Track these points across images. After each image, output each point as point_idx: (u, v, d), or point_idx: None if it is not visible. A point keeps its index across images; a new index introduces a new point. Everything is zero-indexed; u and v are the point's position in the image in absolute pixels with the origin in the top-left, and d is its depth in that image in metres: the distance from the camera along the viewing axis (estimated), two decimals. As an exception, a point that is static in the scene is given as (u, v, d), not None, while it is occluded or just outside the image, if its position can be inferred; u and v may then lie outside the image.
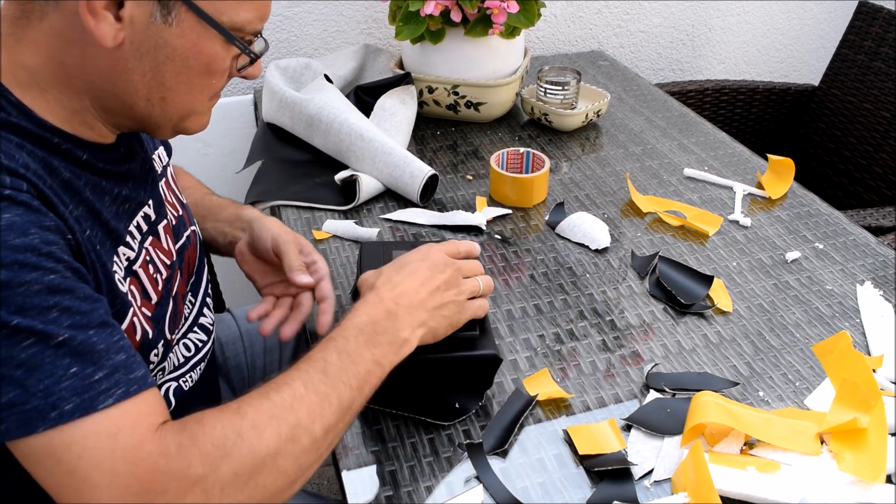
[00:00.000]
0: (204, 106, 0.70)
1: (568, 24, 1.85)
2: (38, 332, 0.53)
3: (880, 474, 0.72)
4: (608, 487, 0.73)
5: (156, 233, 0.77)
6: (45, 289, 0.54)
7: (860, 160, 1.72)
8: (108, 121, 0.67)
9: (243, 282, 1.00)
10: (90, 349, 0.55)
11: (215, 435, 0.58)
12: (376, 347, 0.69)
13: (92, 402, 0.54)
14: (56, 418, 0.53)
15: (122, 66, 0.62)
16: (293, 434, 0.61)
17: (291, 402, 0.62)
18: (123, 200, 0.71)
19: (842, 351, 0.86)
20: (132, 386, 0.56)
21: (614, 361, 0.89)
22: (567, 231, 1.11)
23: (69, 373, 0.54)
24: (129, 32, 0.60)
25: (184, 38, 0.62)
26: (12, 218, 0.54)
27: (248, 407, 0.61)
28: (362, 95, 1.36)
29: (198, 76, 0.65)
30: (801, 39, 2.12)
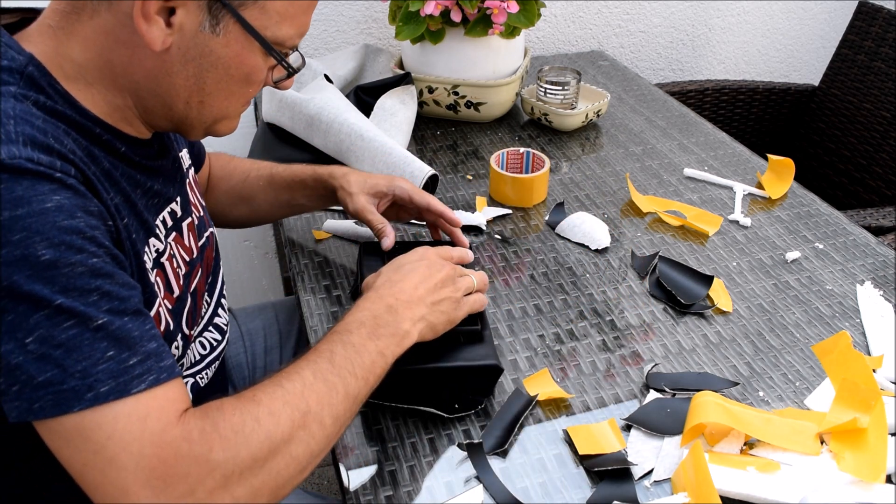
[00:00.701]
0: (237, 111, 0.73)
1: (568, 24, 1.85)
2: (79, 313, 0.55)
3: (880, 474, 0.72)
4: (608, 487, 0.73)
5: (179, 229, 0.79)
6: (88, 271, 0.56)
7: (860, 160, 1.72)
8: (145, 119, 0.70)
9: (243, 282, 1.01)
10: (126, 335, 0.57)
11: (234, 421, 0.59)
12: (379, 339, 0.71)
13: (126, 386, 0.55)
14: (92, 399, 0.54)
15: (167, 69, 0.64)
16: (304, 421, 0.63)
17: (302, 389, 0.64)
18: (154, 194, 0.73)
19: (842, 351, 0.86)
20: (162, 374, 0.58)
21: (614, 361, 0.89)
22: (567, 231, 1.11)
23: (106, 356, 0.55)
24: (178, 38, 0.63)
25: (229, 48, 0.65)
26: (62, 200, 0.56)
27: (262, 394, 0.62)
28: (362, 95, 1.36)
29: (237, 84, 0.68)
30: (801, 39, 2.12)
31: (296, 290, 1.01)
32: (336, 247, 1.08)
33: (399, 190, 0.97)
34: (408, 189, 0.97)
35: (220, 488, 0.57)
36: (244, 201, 1.03)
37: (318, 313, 0.95)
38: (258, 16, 0.64)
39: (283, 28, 0.67)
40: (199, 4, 0.61)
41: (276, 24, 0.66)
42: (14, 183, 0.54)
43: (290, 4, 0.66)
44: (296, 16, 0.67)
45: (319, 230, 1.11)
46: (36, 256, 0.53)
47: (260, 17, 0.65)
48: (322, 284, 1.00)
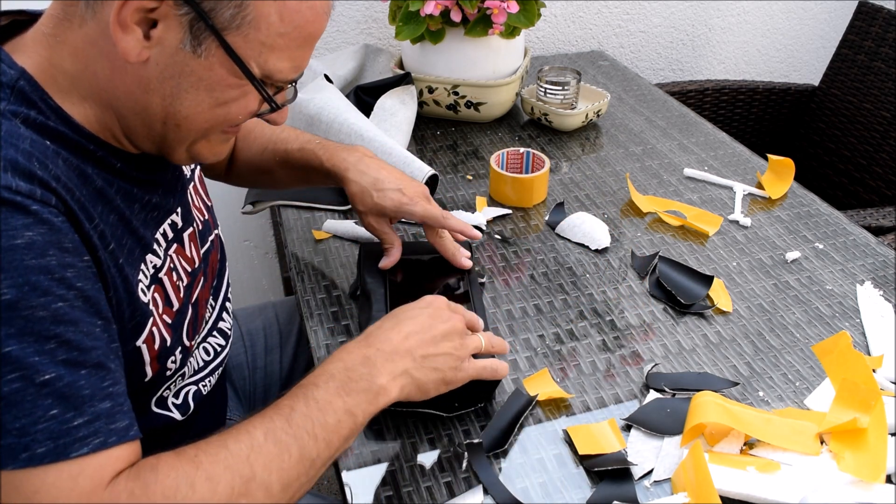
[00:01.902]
0: (220, 136, 0.69)
1: (568, 24, 1.85)
2: (27, 365, 0.51)
3: (880, 474, 0.72)
4: (608, 487, 0.73)
5: (180, 240, 0.76)
6: (49, 316, 0.53)
7: (860, 160, 1.72)
8: (130, 139, 0.67)
9: (243, 282, 1.01)
10: (75, 392, 0.53)
11: (167, 485, 0.56)
12: (349, 396, 0.65)
13: (65, 449, 0.52)
14: (26, 460, 0.51)
15: (144, 84, 0.61)
16: (247, 488, 0.58)
17: (248, 452, 0.59)
18: (153, 208, 0.70)
19: (842, 351, 0.86)
20: (111, 437, 0.55)
21: (614, 361, 0.89)
22: (567, 231, 1.11)
23: (48, 414, 0.52)
24: (157, 53, 0.59)
25: (211, 70, 0.61)
26: (34, 237, 0.53)
27: (204, 455, 0.58)
28: (362, 95, 1.36)
29: (218, 108, 0.64)
30: (801, 39, 2.12)
31: (296, 290, 1.01)
32: (336, 247, 1.08)
33: (407, 216, 0.90)
34: (420, 217, 0.90)
35: None
36: (263, 173, 1.00)
37: (318, 313, 0.95)
38: (243, 43, 0.60)
39: (272, 60, 0.62)
40: (181, 20, 0.58)
41: (262, 55, 0.61)
42: None
43: (280, 36, 0.61)
44: (288, 48, 0.62)
45: (319, 230, 1.11)
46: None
47: (245, 45, 0.60)
48: (322, 284, 1.00)
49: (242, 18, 0.59)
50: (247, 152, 1.01)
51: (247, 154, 1.01)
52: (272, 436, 0.60)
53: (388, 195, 0.90)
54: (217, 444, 0.59)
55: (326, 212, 1.16)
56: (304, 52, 0.65)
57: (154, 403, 0.75)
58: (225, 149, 0.71)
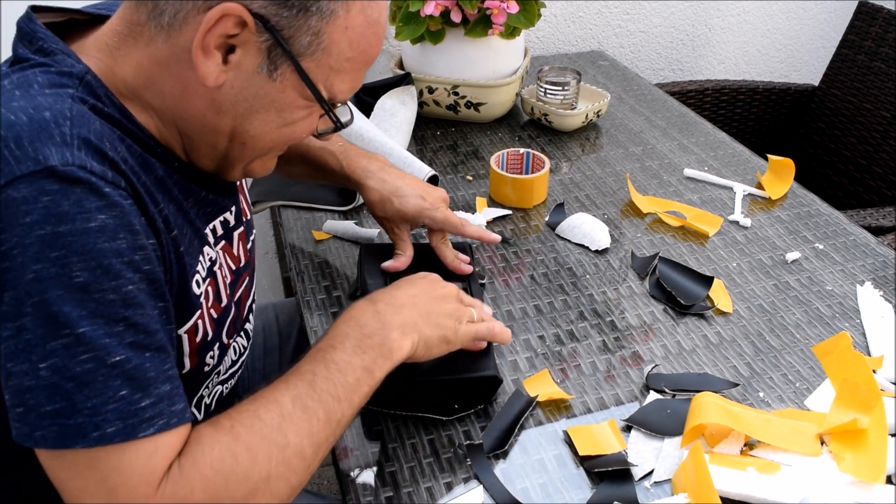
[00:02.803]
0: (275, 153, 0.72)
1: (568, 24, 1.85)
2: (99, 346, 0.53)
3: (880, 475, 0.72)
4: (608, 488, 0.73)
5: (230, 238, 0.78)
6: (119, 300, 0.55)
7: (860, 160, 1.72)
8: (190, 157, 0.68)
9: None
10: (142, 374, 0.55)
11: (213, 457, 0.58)
12: (365, 353, 0.67)
13: (134, 430, 0.54)
14: (96, 439, 0.53)
15: (217, 106, 0.63)
16: (284, 456, 0.60)
17: (280, 421, 0.61)
18: (207, 204, 0.72)
19: (842, 351, 0.86)
20: (172, 419, 0.57)
21: (614, 362, 0.89)
22: (567, 232, 1.11)
23: (118, 395, 0.54)
24: (232, 77, 0.61)
25: (284, 94, 0.63)
26: (106, 220, 0.54)
27: (240, 427, 0.60)
28: (362, 95, 1.36)
29: (284, 128, 0.66)
30: (801, 39, 2.12)
31: (296, 290, 1.01)
32: (336, 247, 1.08)
33: (428, 221, 0.93)
34: (439, 224, 0.93)
35: None
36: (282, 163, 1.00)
37: (318, 314, 0.95)
38: (315, 68, 0.63)
39: (338, 83, 0.65)
40: (260, 47, 0.60)
41: (329, 77, 0.64)
42: (62, 196, 0.52)
43: (347, 60, 0.64)
44: (351, 71, 0.66)
45: (319, 231, 1.11)
46: (70, 277, 0.52)
47: (316, 70, 0.63)
48: (322, 285, 1.00)
49: (318, 45, 0.62)
50: None
51: None
52: (299, 402, 0.63)
53: (410, 201, 0.93)
54: (250, 414, 0.61)
55: (326, 212, 1.16)
56: (363, 74, 0.68)
57: (193, 404, 0.75)
58: (273, 164, 0.74)
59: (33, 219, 0.52)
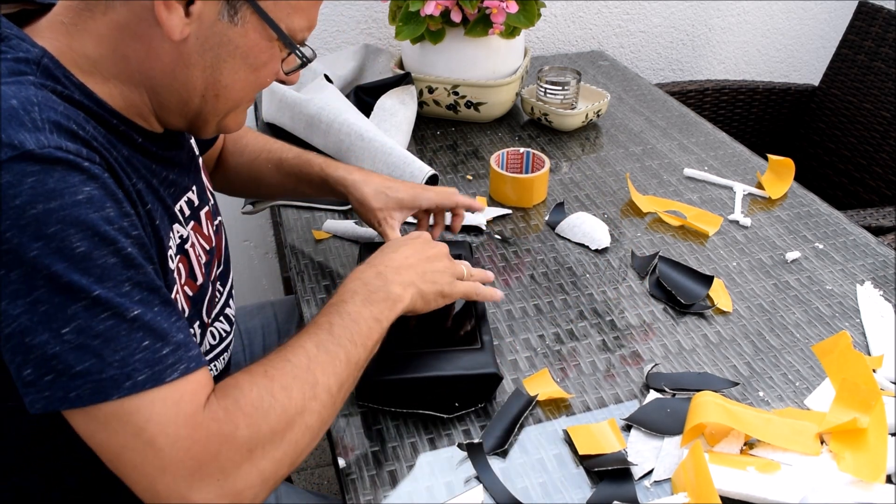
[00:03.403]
0: (246, 104, 0.73)
1: (568, 24, 1.85)
2: (116, 304, 0.56)
3: (880, 474, 0.72)
4: (608, 487, 0.73)
5: (198, 218, 0.79)
6: (120, 262, 0.57)
7: (860, 160, 1.72)
8: (160, 117, 0.70)
9: (243, 281, 1.01)
10: (158, 326, 0.58)
11: (253, 397, 0.62)
12: (373, 305, 0.73)
13: (161, 375, 0.57)
14: (130, 387, 0.56)
15: (184, 60, 0.65)
16: (314, 392, 0.65)
17: (308, 363, 0.66)
18: (171, 184, 0.73)
19: (842, 351, 0.86)
20: (192, 363, 0.59)
21: (614, 361, 0.89)
22: (567, 231, 1.11)
23: (142, 346, 0.57)
24: (196, 28, 0.63)
25: (246, 37, 0.65)
26: (92, 192, 0.56)
27: (273, 370, 0.64)
28: (362, 95, 1.36)
29: (252, 74, 0.68)
30: (801, 39, 2.12)
31: (296, 290, 1.01)
32: (336, 247, 1.08)
33: (426, 203, 0.98)
34: (434, 199, 0.98)
35: (247, 463, 0.59)
36: (252, 180, 1.04)
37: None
38: (273, 7, 0.65)
39: (296, 19, 0.67)
40: None
41: (289, 16, 0.67)
42: (46, 175, 0.54)
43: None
44: (307, 9, 0.68)
45: (319, 230, 1.11)
46: (72, 249, 0.54)
47: (275, 8, 0.65)
48: (322, 284, 1.00)
49: None
50: (238, 158, 1.04)
51: (238, 160, 1.04)
52: (322, 347, 0.68)
53: (401, 189, 0.97)
54: (279, 359, 0.66)
55: (326, 212, 1.16)
56: (317, 11, 0.71)
57: None
58: (244, 118, 0.76)
59: (23, 200, 0.53)
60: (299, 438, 0.63)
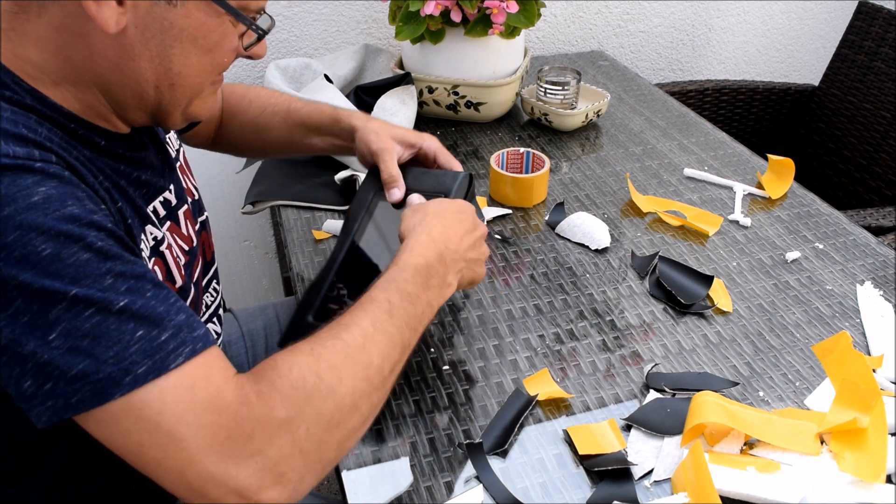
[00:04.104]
0: (210, 88, 0.70)
1: (568, 24, 1.85)
2: (98, 300, 0.53)
3: (880, 474, 0.72)
4: (608, 487, 0.73)
5: (175, 218, 0.77)
6: (94, 257, 0.54)
7: (860, 160, 1.72)
8: (121, 115, 0.67)
9: (244, 282, 1.01)
10: (151, 312, 0.55)
11: (293, 377, 0.58)
12: (429, 290, 0.72)
13: (163, 363, 0.54)
14: (131, 382, 0.53)
15: (128, 52, 0.61)
16: (367, 374, 0.62)
17: (363, 342, 0.63)
18: (142, 185, 0.70)
19: (842, 351, 0.86)
20: (198, 343, 0.56)
21: (614, 361, 0.89)
22: (567, 231, 1.11)
23: (136, 336, 0.53)
24: (133, 16, 0.60)
25: (190, 17, 0.62)
26: (48, 191, 0.53)
27: (321, 348, 0.61)
28: (362, 95, 1.36)
29: (205, 57, 0.65)
30: (801, 39, 2.12)
31: (296, 290, 1.01)
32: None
33: (426, 144, 0.93)
34: (434, 147, 0.93)
35: (287, 445, 0.56)
36: (258, 134, 1.01)
37: (318, 313, 0.95)
38: None
39: None
40: None
41: None
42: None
43: None
44: None
45: (319, 230, 1.11)
46: (37, 253, 0.52)
47: None
48: (322, 284, 1.00)
49: None
50: (243, 116, 1.01)
51: (243, 118, 1.01)
52: (380, 326, 0.65)
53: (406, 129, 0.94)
54: (330, 336, 0.63)
55: (326, 212, 1.16)
56: None
57: None
58: (215, 101, 0.72)
59: None
60: (349, 422, 0.60)
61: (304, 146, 1.00)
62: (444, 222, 0.77)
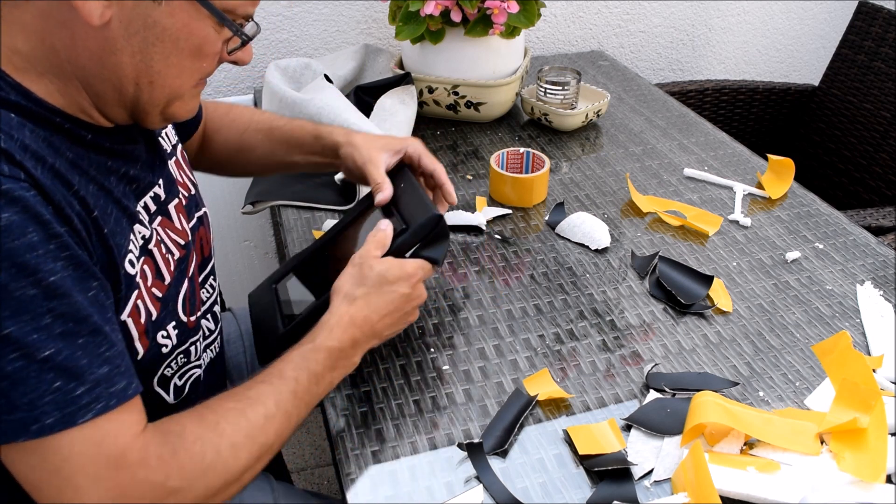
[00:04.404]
0: (191, 91, 0.69)
1: (568, 24, 1.85)
2: (27, 344, 0.54)
3: (880, 474, 0.72)
4: (608, 487, 0.73)
5: (166, 213, 0.76)
6: (41, 293, 0.54)
7: (860, 160, 1.72)
8: (101, 110, 0.66)
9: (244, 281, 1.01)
10: (74, 364, 0.56)
11: (194, 451, 0.61)
12: (335, 371, 0.75)
13: (72, 417, 0.56)
14: (36, 431, 0.55)
15: (110, 46, 0.61)
16: (261, 453, 0.67)
17: (264, 422, 0.67)
18: (131, 180, 0.70)
19: (842, 351, 0.86)
20: (112, 400, 0.58)
21: (614, 361, 0.89)
22: (567, 231, 1.11)
23: (53, 387, 0.55)
24: (118, 10, 0.59)
25: (174, 17, 0.61)
26: (11, 217, 0.53)
27: (226, 424, 0.64)
28: (362, 95, 1.36)
29: (188, 58, 0.64)
30: (801, 39, 2.12)
31: (296, 290, 1.01)
32: (336, 247, 1.08)
33: (411, 148, 0.93)
34: (419, 150, 0.94)
35: None
36: (241, 153, 1.01)
37: (318, 313, 0.95)
38: None
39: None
40: None
41: None
42: None
43: None
44: None
45: (319, 230, 1.11)
46: None
47: None
48: (322, 284, 1.00)
49: None
50: (226, 133, 1.01)
51: (226, 135, 1.01)
52: (282, 406, 0.68)
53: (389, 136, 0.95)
54: (236, 413, 0.66)
55: (326, 212, 1.16)
56: None
57: (156, 382, 0.75)
58: (195, 104, 0.72)
59: None
60: (230, 493, 0.64)
61: (285, 164, 1.01)
62: (372, 305, 0.77)
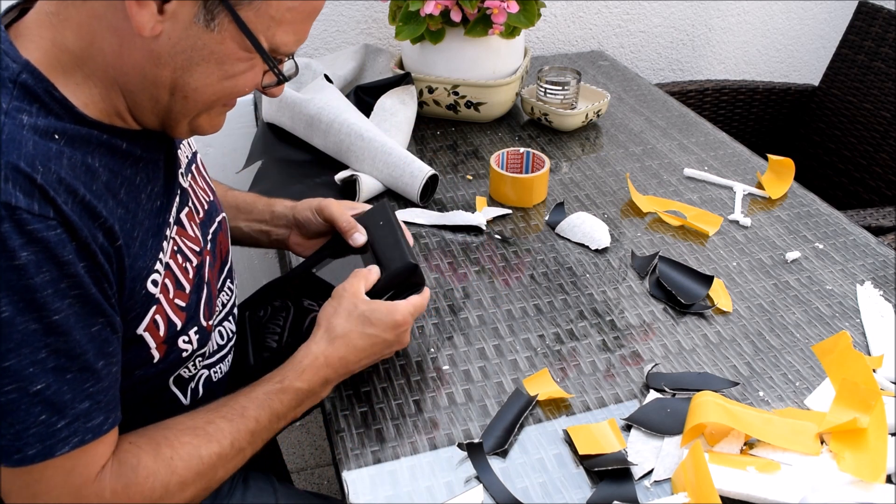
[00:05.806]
0: (220, 109, 0.71)
1: (568, 24, 1.85)
2: (23, 377, 0.57)
3: (880, 474, 0.72)
4: (608, 487, 0.73)
5: (179, 222, 0.77)
6: (42, 329, 0.57)
7: (860, 160, 1.72)
8: (135, 115, 0.68)
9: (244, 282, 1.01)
10: (59, 398, 0.59)
11: (145, 487, 0.65)
12: (299, 408, 0.76)
13: (51, 450, 0.59)
14: (18, 460, 0.59)
15: (154, 58, 0.62)
16: (209, 487, 0.70)
17: (216, 461, 0.69)
18: (156, 197, 0.72)
19: (842, 351, 0.86)
20: (87, 434, 0.61)
21: (614, 361, 0.89)
22: (567, 231, 1.11)
23: (38, 420, 0.58)
24: (169, 27, 0.61)
25: (223, 45, 0.63)
26: (29, 256, 0.55)
27: (179, 461, 0.67)
28: (362, 95, 1.36)
29: (227, 80, 0.66)
30: (801, 39, 2.12)
31: (296, 290, 1.01)
32: (336, 247, 1.08)
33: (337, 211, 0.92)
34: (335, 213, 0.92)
35: None
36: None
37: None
38: (254, 18, 0.62)
39: (279, 34, 0.64)
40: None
41: (270, 29, 0.63)
42: None
43: (288, 10, 0.63)
44: (294, 22, 0.65)
45: (319, 230, 1.11)
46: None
47: (256, 20, 0.62)
48: (322, 284, 1.00)
49: None
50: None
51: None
52: (237, 445, 0.71)
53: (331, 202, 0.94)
54: (191, 449, 0.69)
55: (326, 212, 1.16)
56: (308, 26, 0.67)
57: (172, 381, 0.76)
58: (222, 121, 0.73)
59: None
60: None
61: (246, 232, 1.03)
62: (351, 344, 0.78)
